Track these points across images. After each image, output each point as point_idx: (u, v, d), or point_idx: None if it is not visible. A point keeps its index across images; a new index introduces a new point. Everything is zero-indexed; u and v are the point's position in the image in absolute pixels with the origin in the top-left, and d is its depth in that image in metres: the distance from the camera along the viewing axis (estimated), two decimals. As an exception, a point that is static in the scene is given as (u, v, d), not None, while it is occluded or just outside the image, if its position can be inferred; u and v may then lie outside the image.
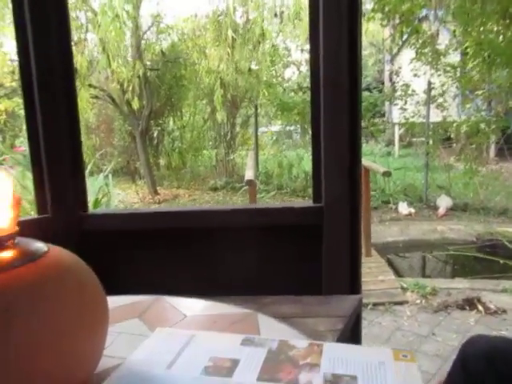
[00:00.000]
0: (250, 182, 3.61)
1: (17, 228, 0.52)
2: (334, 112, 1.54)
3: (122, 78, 6.74)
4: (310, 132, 1.70)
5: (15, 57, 6.59)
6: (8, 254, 0.49)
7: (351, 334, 1.48)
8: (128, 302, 0.86)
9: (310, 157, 1.65)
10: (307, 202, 1.83)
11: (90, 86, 6.93)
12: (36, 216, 1.61)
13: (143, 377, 0.58)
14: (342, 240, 1.65)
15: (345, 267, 1.67)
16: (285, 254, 1.71)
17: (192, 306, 0.84)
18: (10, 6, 1.50)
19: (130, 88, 6.71)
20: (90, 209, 2.34)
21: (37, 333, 0.45)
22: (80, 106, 6.04)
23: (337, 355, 0.63)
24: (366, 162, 4.60)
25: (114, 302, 0.87)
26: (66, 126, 1.63)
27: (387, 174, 4.24)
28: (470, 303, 2.88)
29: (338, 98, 1.52)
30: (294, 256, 1.70)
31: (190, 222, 1.73)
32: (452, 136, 7.52)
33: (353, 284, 1.69)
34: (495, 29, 5.79)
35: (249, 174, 3.84)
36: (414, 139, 10.18)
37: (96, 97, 7.56)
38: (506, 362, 0.77)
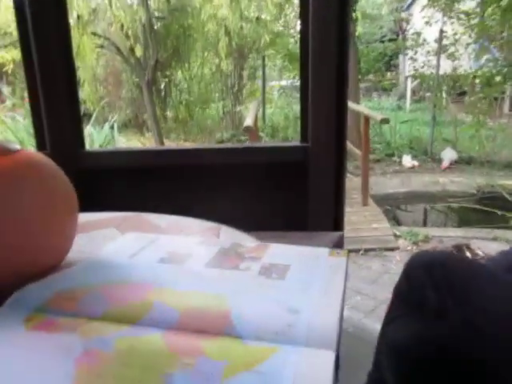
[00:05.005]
0: (248, 129, 3.56)
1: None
2: (321, 58, 1.59)
3: (123, 24, 6.62)
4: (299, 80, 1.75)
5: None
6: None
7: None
8: (110, 216, 0.95)
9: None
10: (295, 142, 1.90)
11: (93, 34, 6.86)
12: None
13: (107, 265, 0.68)
14: (326, 178, 1.73)
15: (328, 204, 1.76)
16: (273, 191, 1.79)
17: (169, 221, 0.93)
18: None
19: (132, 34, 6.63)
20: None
21: (12, 213, 0.54)
22: (83, 54, 6.02)
23: (280, 251, 0.72)
24: (364, 109, 4.53)
25: (97, 215, 0.97)
26: (63, 68, 1.71)
27: (385, 121, 4.18)
28: (458, 249, 2.97)
29: (326, 47, 1.57)
30: (282, 193, 1.79)
31: (182, 160, 1.82)
32: (466, 89, 7.35)
33: (336, 220, 1.79)
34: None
35: (247, 121, 3.75)
36: (428, 94, 9.97)
37: (101, 46, 7.49)
38: (441, 272, 0.86)
